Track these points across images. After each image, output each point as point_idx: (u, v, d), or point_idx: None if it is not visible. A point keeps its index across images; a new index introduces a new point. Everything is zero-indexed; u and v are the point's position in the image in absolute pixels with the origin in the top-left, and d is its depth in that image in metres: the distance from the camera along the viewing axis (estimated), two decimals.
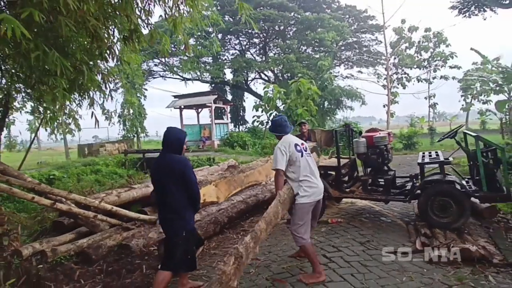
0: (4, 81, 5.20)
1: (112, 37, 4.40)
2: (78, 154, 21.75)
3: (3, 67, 3.53)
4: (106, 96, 5.55)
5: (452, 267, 3.60)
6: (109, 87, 5.31)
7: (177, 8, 4.24)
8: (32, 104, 6.47)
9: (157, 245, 4.80)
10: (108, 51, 3.89)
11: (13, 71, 3.75)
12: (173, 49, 22.61)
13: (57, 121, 6.13)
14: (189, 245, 3.21)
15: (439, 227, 4.56)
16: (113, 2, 3.90)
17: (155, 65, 30.55)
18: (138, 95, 24.34)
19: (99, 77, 4.53)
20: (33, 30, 2.58)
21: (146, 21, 4.37)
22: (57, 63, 2.80)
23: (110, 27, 4.01)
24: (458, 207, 4.57)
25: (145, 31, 4.56)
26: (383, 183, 5.50)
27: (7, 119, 7.58)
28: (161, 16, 6.46)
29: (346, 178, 6.07)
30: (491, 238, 4.39)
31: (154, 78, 31.90)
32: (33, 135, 27.20)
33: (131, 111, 24.57)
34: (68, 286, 3.91)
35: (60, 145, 32.46)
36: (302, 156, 3.54)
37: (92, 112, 7.25)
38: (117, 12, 3.92)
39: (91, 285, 3.93)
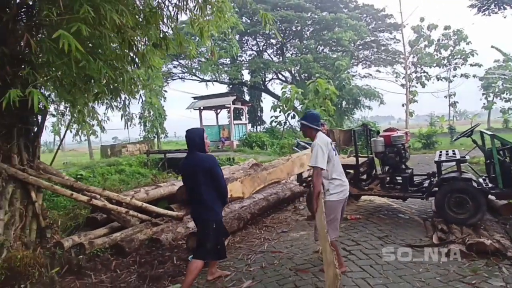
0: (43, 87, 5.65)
1: (144, 45, 4.75)
2: (101, 155, 22.52)
3: (47, 75, 3.91)
4: (137, 99, 5.89)
5: (467, 259, 3.75)
6: (138, 90, 5.64)
7: (204, 16, 4.54)
8: (56, 106, 6.93)
9: (185, 239, 5.12)
10: (142, 58, 4.22)
11: (56, 78, 4.12)
12: (186, 47, 23.14)
13: (84, 123, 6.56)
14: (219, 236, 3.50)
15: (455, 223, 4.69)
16: (145, 12, 4.24)
17: (174, 67, 31.24)
18: (158, 96, 24.99)
19: (133, 82, 4.87)
20: (80, 42, 2.91)
21: (173, 28, 4.68)
22: (100, 71, 3.14)
23: (142, 36, 4.34)
24: (474, 203, 4.69)
25: (170, 35, 4.89)
26: (400, 181, 5.64)
27: None
28: (184, 23, 6.81)
29: (365, 176, 6.25)
30: (507, 234, 4.49)
31: (173, 79, 32.62)
32: (56, 136, 28.32)
33: (152, 112, 25.27)
34: (106, 275, 4.26)
35: (81, 146, 33.55)
36: (336, 155, 3.72)
37: (122, 114, 7.70)
38: (149, 22, 4.25)
39: (126, 274, 4.27)
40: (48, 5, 3.02)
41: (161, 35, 4.64)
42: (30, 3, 2.84)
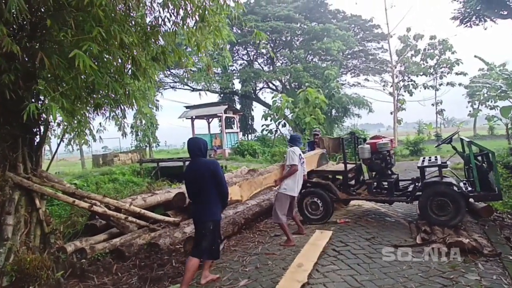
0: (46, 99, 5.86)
1: (145, 60, 5.02)
2: (93, 164, 22.50)
3: (55, 90, 4.15)
4: (134, 109, 6.13)
5: (447, 257, 4.06)
6: (140, 103, 5.89)
7: (201, 32, 4.84)
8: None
9: (182, 243, 5.33)
10: (143, 72, 4.49)
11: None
12: (184, 61, 23.45)
13: (82, 133, 6.76)
14: (215, 237, 3.75)
15: (438, 224, 5.02)
16: (145, 30, 4.53)
17: (166, 76, 31.45)
18: (150, 106, 25.10)
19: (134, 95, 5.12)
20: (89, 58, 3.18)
21: (171, 42, 4.96)
22: (108, 85, 3.39)
23: (143, 51, 4.61)
24: (455, 206, 5.03)
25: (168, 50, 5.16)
26: (387, 185, 5.97)
27: None
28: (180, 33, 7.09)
29: (353, 182, 6.57)
30: (485, 234, 4.85)
31: (165, 89, 32.79)
32: (47, 146, 28.12)
33: (144, 122, 25.37)
34: (108, 278, 4.46)
35: (71, 156, 33.34)
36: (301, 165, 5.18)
37: (119, 124, 7.89)
38: (149, 38, 4.54)
39: (127, 277, 4.47)
40: (61, 25, 3.28)
41: (160, 50, 4.92)
42: (47, 23, 3.07)
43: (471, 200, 5.46)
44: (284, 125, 22.83)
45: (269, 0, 30.27)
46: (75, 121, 6.97)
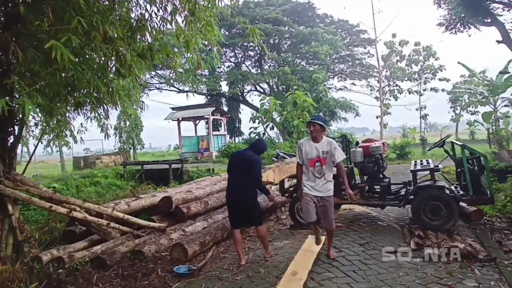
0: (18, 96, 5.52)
1: (130, 56, 4.77)
2: (74, 167, 21.80)
3: (30, 85, 3.85)
4: (117, 109, 5.86)
5: (443, 263, 3.95)
6: (125, 102, 5.63)
7: (191, 28, 4.62)
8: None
9: (169, 250, 5.07)
10: (128, 69, 4.23)
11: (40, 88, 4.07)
12: (171, 59, 23.06)
13: (61, 133, 6.42)
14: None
15: (431, 229, 4.92)
16: (131, 24, 4.27)
17: (151, 77, 30.96)
18: (135, 107, 24.58)
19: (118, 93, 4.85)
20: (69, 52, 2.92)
21: (159, 39, 4.73)
22: (90, 82, 3.14)
23: (129, 47, 4.36)
24: (448, 210, 4.95)
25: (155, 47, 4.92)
26: (379, 189, 5.86)
27: None
28: (167, 34, 6.84)
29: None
30: (478, 238, 4.79)
31: (150, 90, 32.25)
32: (23, 147, 27.19)
33: (128, 123, 24.83)
34: None
35: (50, 158, 32.36)
36: None
37: (101, 125, 7.56)
38: (135, 33, 4.29)
39: (109, 287, 4.19)
40: (37, 14, 3.01)
41: (147, 46, 4.68)
42: (21, 13, 2.81)
43: (461, 203, 5.39)
44: (272, 128, 22.73)
45: (257, 3, 30.24)
46: (54, 121, 6.63)
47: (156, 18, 4.55)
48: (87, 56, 3.98)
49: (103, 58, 3.88)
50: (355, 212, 6.47)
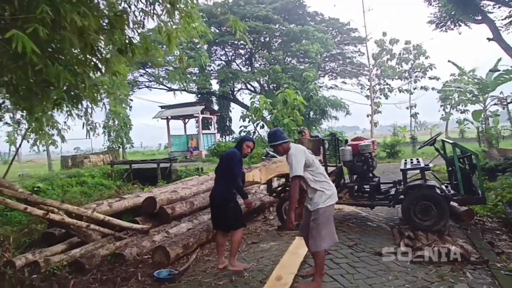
0: None
1: (108, 50, 4.54)
2: (61, 166, 21.33)
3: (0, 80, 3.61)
4: (101, 107, 5.64)
5: (434, 265, 3.83)
6: (102, 98, 5.40)
7: (171, 22, 4.42)
8: (11, 115, 6.52)
9: (151, 253, 4.87)
10: (105, 63, 4.01)
11: (9, 83, 3.83)
12: (152, 53, 22.64)
13: (41, 132, 6.17)
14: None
15: (421, 229, 4.81)
16: (109, 16, 4.05)
17: (141, 75, 30.53)
18: (124, 105, 24.23)
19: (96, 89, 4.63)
20: (38, 45, 2.70)
21: (138, 32, 4.51)
22: (59, 75, 2.92)
23: (107, 41, 4.14)
24: (439, 210, 4.84)
25: (136, 41, 4.71)
26: (368, 189, 5.73)
27: None
28: (150, 29, 6.59)
29: (334, 185, 6.30)
30: (469, 239, 4.69)
31: (139, 88, 31.81)
32: (11, 146, 26.59)
33: (116, 121, 24.40)
34: None
35: (39, 157, 31.74)
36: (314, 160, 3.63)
37: (83, 123, 7.30)
38: (113, 26, 4.06)
39: None
40: (2, 3, 2.78)
41: (127, 41, 4.46)
42: None
43: (452, 203, 5.29)
44: (262, 127, 22.54)
45: (247, 0, 29.96)
46: (34, 119, 6.37)
47: (137, 11, 4.35)
48: (61, 50, 3.75)
49: (75, 52, 3.63)
50: (344, 212, 6.34)
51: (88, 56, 4.13)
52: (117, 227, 5.44)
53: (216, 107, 30.87)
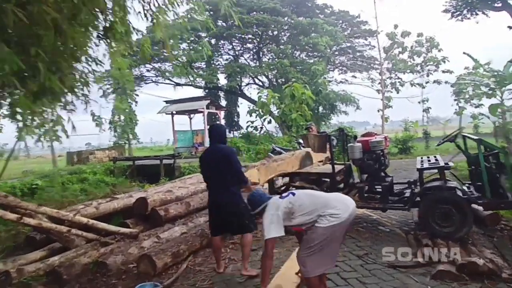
0: None
1: (86, 36, 4.06)
2: (67, 162, 21.19)
3: None
4: (86, 102, 5.18)
5: (459, 283, 3.26)
6: (88, 91, 4.92)
7: (157, 3, 3.91)
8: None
9: (136, 261, 4.39)
10: (79, 51, 3.53)
11: None
12: (165, 54, 22.23)
13: (43, 127, 5.76)
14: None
15: (441, 237, 4.23)
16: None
17: (147, 70, 30.22)
18: (129, 101, 23.97)
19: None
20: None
21: (123, 18, 4.03)
22: (6, 60, 2.43)
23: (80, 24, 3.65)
24: (461, 215, 4.26)
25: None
26: (380, 190, 5.16)
27: None
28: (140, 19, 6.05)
29: (342, 185, 5.75)
30: (497, 249, 4.07)
31: (147, 83, 31.53)
32: (20, 142, 26.55)
33: (122, 117, 24.14)
34: None
35: (49, 153, 31.83)
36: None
37: (69, 118, 6.85)
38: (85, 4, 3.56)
39: None
40: None
41: (107, 24, 3.99)
42: None
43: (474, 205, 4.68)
44: (270, 122, 21.97)
45: None
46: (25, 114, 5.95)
47: None
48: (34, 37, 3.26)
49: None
50: None
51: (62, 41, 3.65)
52: (103, 232, 4.99)
53: (223, 102, 30.41)
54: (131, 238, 5.04)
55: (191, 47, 23.46)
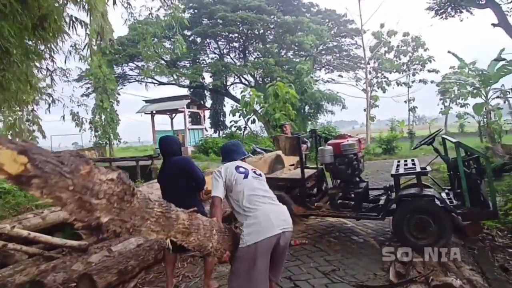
0: None
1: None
2: None
3: None
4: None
5: None
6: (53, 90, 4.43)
7: None
8: None
9: (77, 281, 3.90)
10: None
11: None
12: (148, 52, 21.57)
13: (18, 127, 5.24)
14: None
15: (417, 250, 3.85)
16: None
17: (131, 69, 29.51)
18: (111, 100, 23.25)
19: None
20: None
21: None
22: None
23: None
24: (438, 225, 3.90)
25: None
26: (353, 197, 4.77)
27: None
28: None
29: (315, 191, 5.35)
30: (477, 263, 3.71)
31: (130, 82, 30.80)
32: None
33: (103, 117, 23.42)
34: None
35: None
36: (246, 177, 2.62)
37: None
38: None
39: None
40: None
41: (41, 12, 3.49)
42: None
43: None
44: (254, 122, 21.55)
45: None
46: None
47: None
48: None
49: None
50: (327, 222, 5.39)
51: None
52: (47, 245, 4.48)
53: (210, 102, 29.87)
54: (79, 251, 4.54)
55: (159, 43, 22.89)
